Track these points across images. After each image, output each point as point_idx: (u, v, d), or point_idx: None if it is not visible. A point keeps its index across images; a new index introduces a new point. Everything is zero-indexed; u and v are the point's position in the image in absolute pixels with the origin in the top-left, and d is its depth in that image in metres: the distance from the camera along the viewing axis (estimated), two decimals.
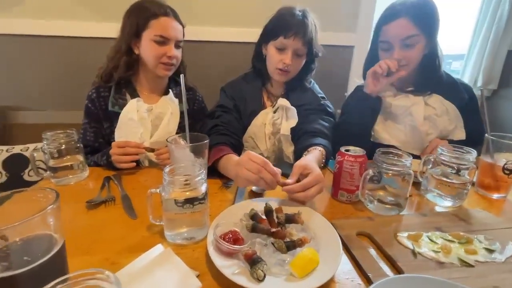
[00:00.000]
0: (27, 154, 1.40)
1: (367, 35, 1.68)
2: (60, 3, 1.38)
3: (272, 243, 0.46)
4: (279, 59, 0.93)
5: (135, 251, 0.50)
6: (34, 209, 0.37)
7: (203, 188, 0.52)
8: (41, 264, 0.33)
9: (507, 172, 0.71)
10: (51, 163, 0.75)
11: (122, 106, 0.93)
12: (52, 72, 1.46)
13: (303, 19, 0.90)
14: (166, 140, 0.68)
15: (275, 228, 0.51)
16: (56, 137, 0.76)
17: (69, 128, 0.80)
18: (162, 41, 0.92)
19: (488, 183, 0.75)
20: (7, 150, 1.39)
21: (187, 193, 0.51)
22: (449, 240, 0.53)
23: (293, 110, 0.98)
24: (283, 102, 0.99)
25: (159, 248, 0.50)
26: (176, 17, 0.95)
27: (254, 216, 0.54)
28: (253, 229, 0.49)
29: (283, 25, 0.91)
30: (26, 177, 1.37)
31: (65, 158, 0.77)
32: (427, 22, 0.84)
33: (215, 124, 0.94)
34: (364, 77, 1.06)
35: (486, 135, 0.75)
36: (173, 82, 1.08)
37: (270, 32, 0.95)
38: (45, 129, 1.56)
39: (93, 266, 0.31)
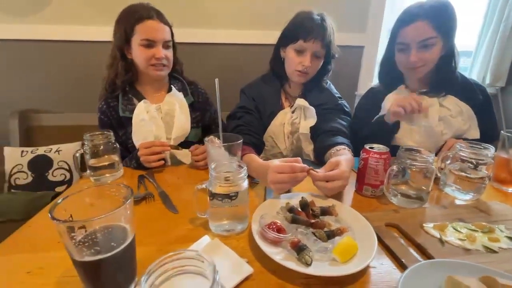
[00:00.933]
0: (50, 155, 1.46)
1: (377, 35, 1.71)
2: (78, 9, 1.43)
3: (313, 233, 0.51)
4: (299, 61, 0.97)
5: (184, 242, 0.55)
6: (108, 203, 0.42)
7: (245, 184, 0.57)
8: (123, 249, 0.38)
9: None
10: (91, 162, 0.80)
11: (132, 111, 0.98)
12: (72, 75, 1.52)
13: (322, 23, 0.94)
14: (204, 139, 0.72)
15: (312, 219, 0.56)
16: (95, 138, 0.80)
17: (91, 129, 0.84)
18: (149, 44, 0.94)
19: (504, 177, 0.79)
20: (31, 152, 1.45)
21: (230, 188, 0.56)
22: (472, 230, 0.57)
23: (312, 109, 1.02)
24: (301, 102, 1.03)
25: (206, 239, 0.55)
26: (161, 18, 0.97)
27: (291, 209, 0.58)
28: (293, 221, 0.54)
29: (303, 29, 0.94)
30: (50, 177, 1.43)
31: (102, 158, 0.82)
32: (445, 25, 0.86)
33: (238, 125, 0.98)
34: (380, 78, 1.09)
35: (502, 131, 0.79)
36: (172, 78, 1.12)
37: (289, 35, 0.99)
38: (67, 131, 1.61)
39: (151, 256, 0.36)
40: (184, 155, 0.98)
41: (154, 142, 0.90)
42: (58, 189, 1.43)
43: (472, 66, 2.00)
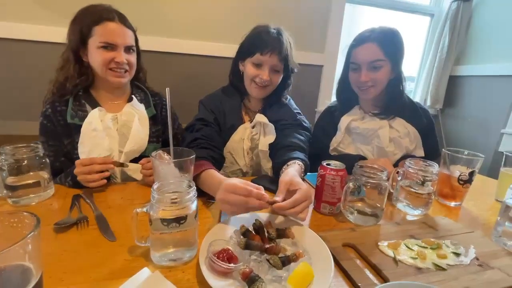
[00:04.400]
0: None
1: (334, 56, 1.82)
2: (18, 4, 1.26)
3: (267, 260, 0.46)
4: (256, 74, 0.96)
5: (118, 277, 0.46)
6: (8, 235, 0.33)
7: (194, 206, 0.51)
8: None
9: (461, 182, 0.80)
10: (9, 180, 0.66)
11: (82, 118, 0.87)
12: (5, 78, 1.31)
13: (278, 36, 0.94)
14: (150, 155, 0.65)
15: (267, 244, 0.51)
16: (16, 151, 0.67)
17: (25, 140, 0.71)
18: (108, 46, 0.86)
19: (446, 192, 0.84)
20: None
21: (177, 211, 0.49)
22: (422, 247, 0.58)
23: (271, 126, 1.00)
24: (260, 118, 1.01)
25: (145, 272, 0.47)
26: (124, 21, 0.90)
27: (245, 233, 0.53)
28: (247, 246, 0.49)
29: (260, 42, 0.94)
30: None
31: (26, 175, 0.68)
32: (392, 49, 0.93)
33: (196, 138, 0.92)
34: (337, 96, 1.13)
35: (443, 149, 0.85)
36: (134, 87, 1.03)
37: (247, 49, 0.97)
38: None
39: None
40: (135, 170, 0.89)
41: (95, 159, 0.77)
42: None
43: (415, 90, 2.23)
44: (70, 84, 0.88)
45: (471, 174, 0.80)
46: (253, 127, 1.02)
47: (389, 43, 0.92)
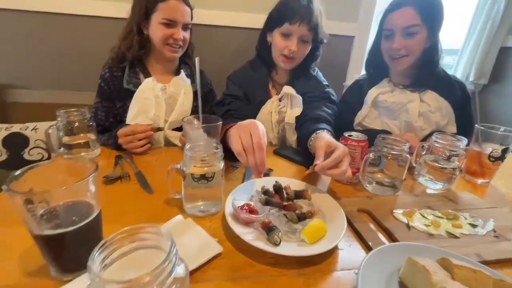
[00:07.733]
0: (26, 133, 1.40)
1: (368, 25, 1.70)
2: None
3: (285, 215, 0.51)
4: (285, 45, 0.95)
5: (157, 220, 0.55)
6: (72, 177, 0.41)
7: (220, 165, 0.56)
8: (87, 224, 0.37)
9: (492, 159, 0.77)
10: (65, 139, 0.77)
11: (136, 85, 0.96)
12: (56, 51, 1.43)
13: (308, 4, 0.91)
14: (182, 120, 0.71)
15: (285, 202, 0.56)
16: (70, 114, 0.77)
17: (71, 107, 0.80)
18: (170, 23, 0.94)
19: (475, 169, 0.82)
20: (6, 129, 1.38)
21: (205, 168, 0.55)
22: (438, 217, 0.60)
23: (299, 98, 1.01)
24: (288, 90, 1.01)
25: (179, 218, 0.54)
26: None
27: (266, 192, 0.59)
28: (267, 203, 0.55)
29: (289, 11, 0.92)
30: (26, 156, 1.38)
31: (77, 136, 0.79)
32: (430, 14, 0.86)
33: (228, 110, 0.94)
34: (366, 68, 1.09)
35: (476, 125, 0.81)
36: (182, 62, 1.10)
37: (275, 19, 0.96)
38: (44, 108, 1.55)
39: None
40: (176, 137, 0.98)
41: (135, 129, 0.85)
42: None
43: (458, 63, 2.04)
44: (131, 54, 0.97)
45: (504, 151, 0.76)
46: (280, 100, 1.03)
47: (427, 8, 0.85)
